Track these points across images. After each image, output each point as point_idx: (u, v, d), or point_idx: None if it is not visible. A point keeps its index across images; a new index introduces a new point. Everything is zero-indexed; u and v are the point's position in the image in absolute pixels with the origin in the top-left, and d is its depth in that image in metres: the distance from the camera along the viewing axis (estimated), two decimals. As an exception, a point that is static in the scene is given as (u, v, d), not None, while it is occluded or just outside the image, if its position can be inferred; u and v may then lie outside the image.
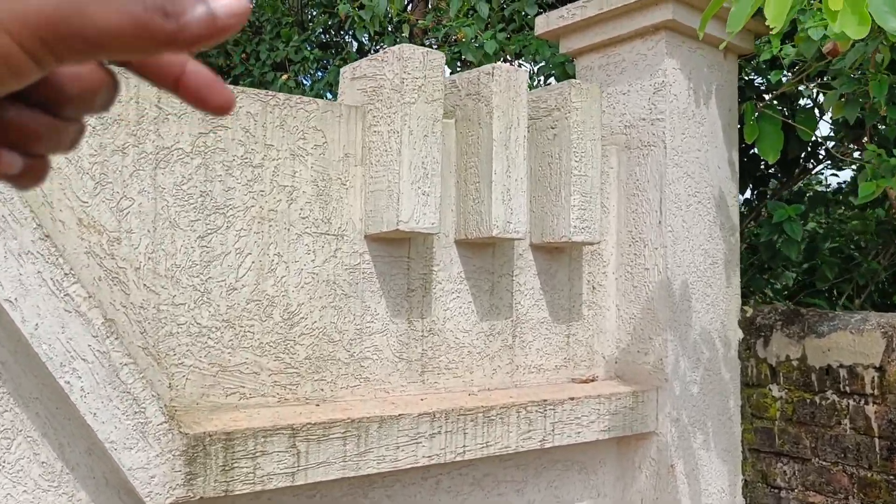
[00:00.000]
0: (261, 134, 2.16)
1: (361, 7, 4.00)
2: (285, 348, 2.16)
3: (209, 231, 2.05)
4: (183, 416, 1.95)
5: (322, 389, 2.23)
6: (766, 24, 1.90)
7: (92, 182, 1.90)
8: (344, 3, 4.15)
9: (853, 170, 4.71)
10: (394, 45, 5.09)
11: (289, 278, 2.18)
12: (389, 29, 4.80)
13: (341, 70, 2.51)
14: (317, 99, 2.24)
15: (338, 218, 2.28)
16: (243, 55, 6.51)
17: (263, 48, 6.37)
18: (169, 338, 1.98)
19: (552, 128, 2.71)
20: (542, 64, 4.15)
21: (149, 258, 1.96)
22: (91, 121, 1.89)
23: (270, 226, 2.15)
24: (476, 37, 3.96)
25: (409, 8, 5.76)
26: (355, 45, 6.19)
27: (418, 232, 2.26)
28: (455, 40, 4.09)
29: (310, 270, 2.22)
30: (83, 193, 1.89)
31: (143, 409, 1.78)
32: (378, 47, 5.28)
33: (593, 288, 2.94)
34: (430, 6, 4.23)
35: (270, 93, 2.18)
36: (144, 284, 1.96)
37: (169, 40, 0.30)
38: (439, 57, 2.35)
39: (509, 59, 4.28)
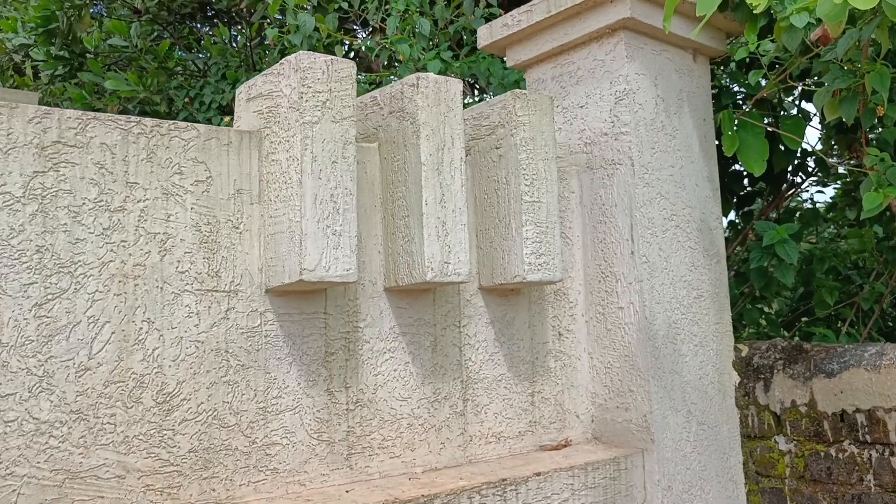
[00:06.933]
0: (121, 170, 1.71)
1: (290, 32, 3.60)
2: (161, 441, 1.69)
3: (50, 296, 1.58)
4: (15, 545, 1.47)
5: (214, 489, 1.75)
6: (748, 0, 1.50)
7: None
8: (271, 28, 3.74)
9: (836, 187, 4.31)
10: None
11: (163, 350, 1.71)
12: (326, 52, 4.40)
13: (237, 91, 2.08)
14: (196, 124, 1.81)
15: (229, 270, 1.83)
16: (187, 99, 6.13)
17: (208, 91, 6.02)
18: (-5, 440, 1.50)
19: (497, 148, 2.29)
20: (495, 85, 3.75)
21: (-38, 337, 1.50)
22: None
23: (137, 285, 1.69)
24: (419, 58, 3.55)
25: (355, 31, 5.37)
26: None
27: (330, 282, 1.81)
28: (399, 62, 3.69)
29: (192, 338, 1.75)
30: None
31: (-62, 548, 1.30)
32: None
33: (560, 335, 2.49)
34: (371, 26, 3.83)
35: (133, 119, 1.74)
36: (-45, 372, 1.49)
37: None
38: (348, 66, 1.92)
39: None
